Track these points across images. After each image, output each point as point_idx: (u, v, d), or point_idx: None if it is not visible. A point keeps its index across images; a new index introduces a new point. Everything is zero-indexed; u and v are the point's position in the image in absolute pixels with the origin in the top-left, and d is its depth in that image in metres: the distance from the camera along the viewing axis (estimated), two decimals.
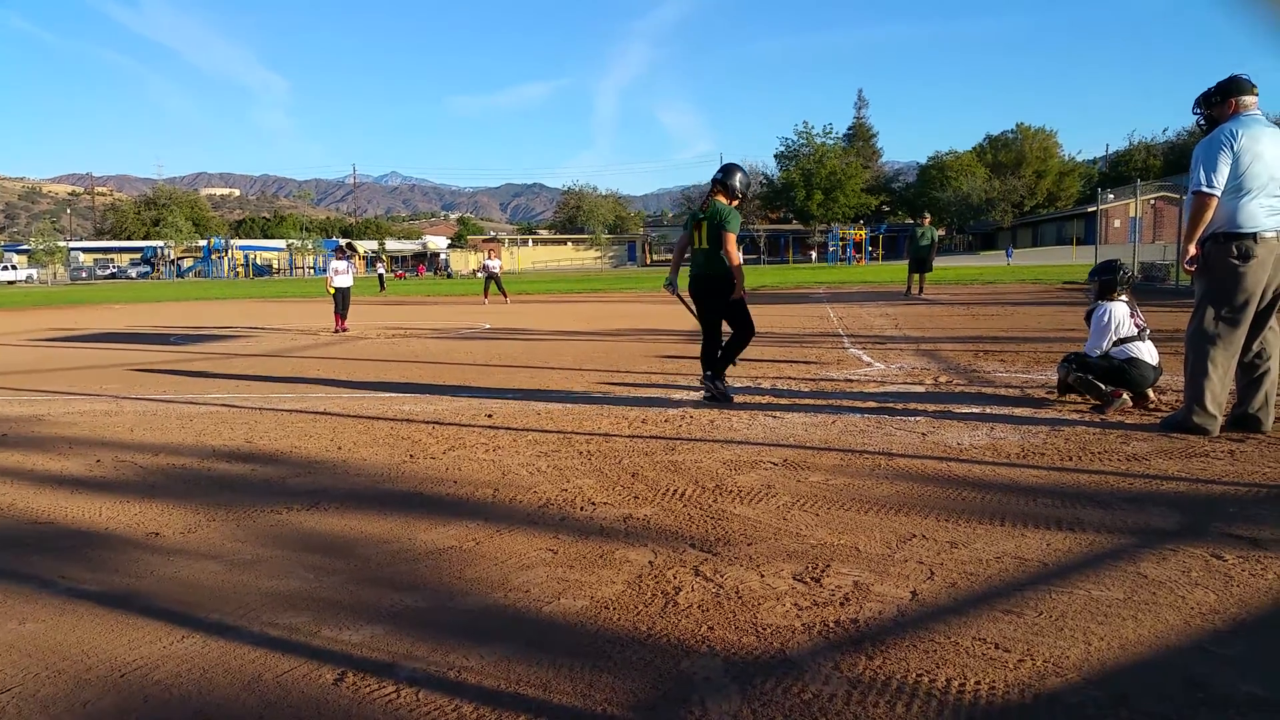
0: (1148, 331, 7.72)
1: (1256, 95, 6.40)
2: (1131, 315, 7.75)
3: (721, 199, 8.77)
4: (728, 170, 8.91)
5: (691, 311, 8.98)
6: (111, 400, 9.96)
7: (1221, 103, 6.47)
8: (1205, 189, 6.30)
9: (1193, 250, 6.52)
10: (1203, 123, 6.69)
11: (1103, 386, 7.52)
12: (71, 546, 4.76)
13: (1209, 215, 6.35)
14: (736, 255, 8.50)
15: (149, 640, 3.47)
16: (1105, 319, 7.78)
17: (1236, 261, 6.28)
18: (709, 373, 8.71)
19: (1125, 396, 7.49)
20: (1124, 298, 7.91)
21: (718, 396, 8.66)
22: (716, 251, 8.53)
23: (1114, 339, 7.65)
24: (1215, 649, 3.12)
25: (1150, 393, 7.60)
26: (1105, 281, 7.99)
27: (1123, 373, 7.50)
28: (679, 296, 9.07)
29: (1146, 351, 7.54)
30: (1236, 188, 6.24)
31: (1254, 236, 6.23)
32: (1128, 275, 8.04)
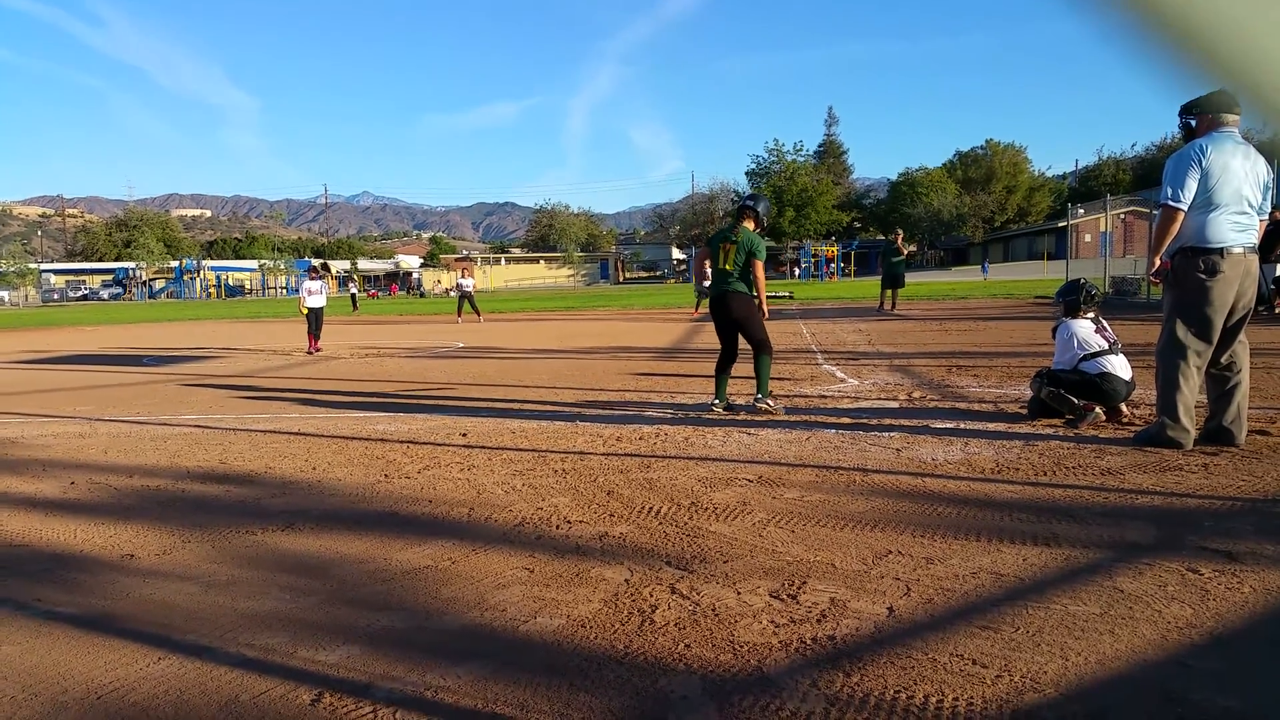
0: (1119, 345, 7.82)
1: (1239, 113, 6.41)
2: (1098, 330, 7.88)
3: (750, 224, 9.12)
4: (757, 199, 9.35)
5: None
6: (85, 422, 9.89)
7: (1201, 114, 6.53)
8: (1171, 203, 6.39)
9: (1158, 262, 6.62)
10: (1181, 131, 6.77)
11: (1075, 401, 7.57)
12: (46, 569, 4.72)
13: (1175, 228, 6.44)
14: (763, 281, 9.01)
15: (125, 662, 3.44)
16: (1068, 336, 7.93)
17: (1203, 276, 6.35)
18: (759, 395, 8.99)
19: (1098, 410, 7.54)
20: (1089, 314, 8.06)
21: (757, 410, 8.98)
22: (743, 275, 8.96)
23: (1080, 354, 7.75)
24: (1193, 663, 3.13)
25: (1123, 407, 7.67)
26: (1069, 301, 8.20)
27: (1095, 387, 7.56)
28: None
29: (1119, 365, 7.62)
30: (1205, 203, 6.31)
31: (1221, 252, 6.30)
32: (1091, 293, 8.20)
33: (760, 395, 8.88)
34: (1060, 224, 78.37)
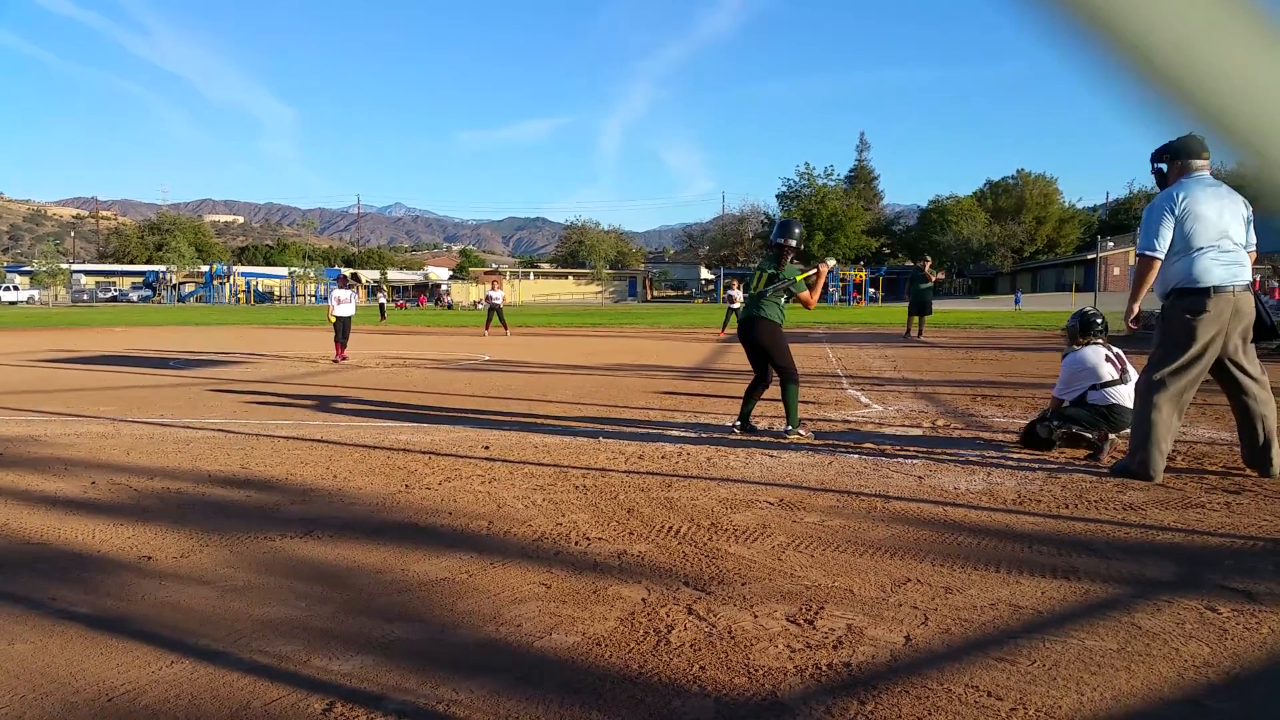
0: (1130, 375, 7.80)
1: (1207, 157, 6.66)
2: (1109, 359, 7.89)
3: (790, 259, 9.28)
4: (788, 230, 9.34)
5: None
6: (109, 422, 9.95)
7: (1171, 160, 6.77)
8: (1147, 252, 6.67)
9: (1135, 309, 6.91)
10: (1154, 177, 6.96)
11: (1090, 435, 7.61)
12: (64, 568, 4.75)
13: (1151, 277, 6.70)
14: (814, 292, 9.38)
15: (138, 664, 3.45)
16: (1078, 365, 7.95)
17: (1190, 316, 6.50)
18: (789, 426, 8.96)
19: (1113, 438, 7.62)
20: (1099, 342, 8.09)
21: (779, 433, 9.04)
22: (774, 299, 9.09)
23: (1088, 384, 7.79)
24: (1209, 703, 3.10)
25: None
26: (1075, 328, 8.30)
27: (1105, 419, 7.61)
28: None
29: (1127, 395, 7.60)
30: (1186, 247, 6.50)
31: (1208, 291, 6.45)
32: (1098, 324, 8.25)
33: (790, 426, 8.86)
34: (1089, 256, 78.20)
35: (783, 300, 9.14)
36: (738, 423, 9.23)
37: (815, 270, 9.30)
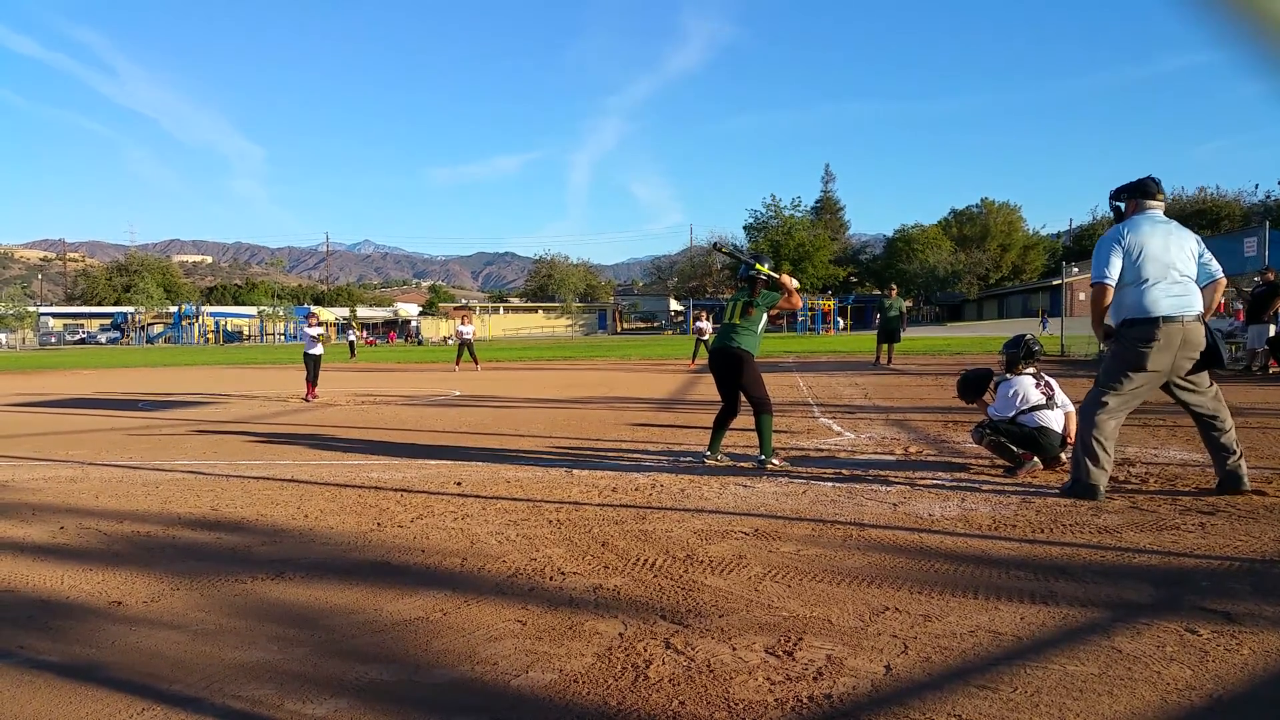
0: (1055, 400, 8.27)
1: (1162, 198, 7.07)
2: (1038, 385, 8.34)
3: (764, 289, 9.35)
4: (762, 262, 9.46)
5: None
6: (77, 466, 9.83)
7: (1129, 199, 7.15)
8: (1098, 280, 7.00)
9: (1102, 332, 7.21)
10: (1112, 213, 7.37)
11: (1015, 450, 8.07)
12: (31, 616, 4.66)
13: (1105, 301, 7.02)
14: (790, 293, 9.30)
15: (109, 713, 3.39)
16: (1011, 392, 8.33)
17: (1140, 344, 6.80)
18: (763, 455, 8.94)
19: (1035, 460, 8.04)
20: (1030, 370, 8.54)
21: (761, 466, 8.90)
22: (749, 329, 9.13)
23: (1021, 408, 8.16)
24: None
25: (1062, 455, 8.11)
26: (1010, 356, 8.69)
27: (1033, 439, 8.04)
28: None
29: (1054, 420, 8.12)
30: (1137, 279, 6.84)
31: (1157, 321, 6.75)
32: (1033, 350, 8.62)
33: (765, 456, 8.87)
34: (1055, 282, 78.86)
35: (760, 327, 9.20)
36: (708, 454, 9.24)
37: (777, 278, 9.24)
